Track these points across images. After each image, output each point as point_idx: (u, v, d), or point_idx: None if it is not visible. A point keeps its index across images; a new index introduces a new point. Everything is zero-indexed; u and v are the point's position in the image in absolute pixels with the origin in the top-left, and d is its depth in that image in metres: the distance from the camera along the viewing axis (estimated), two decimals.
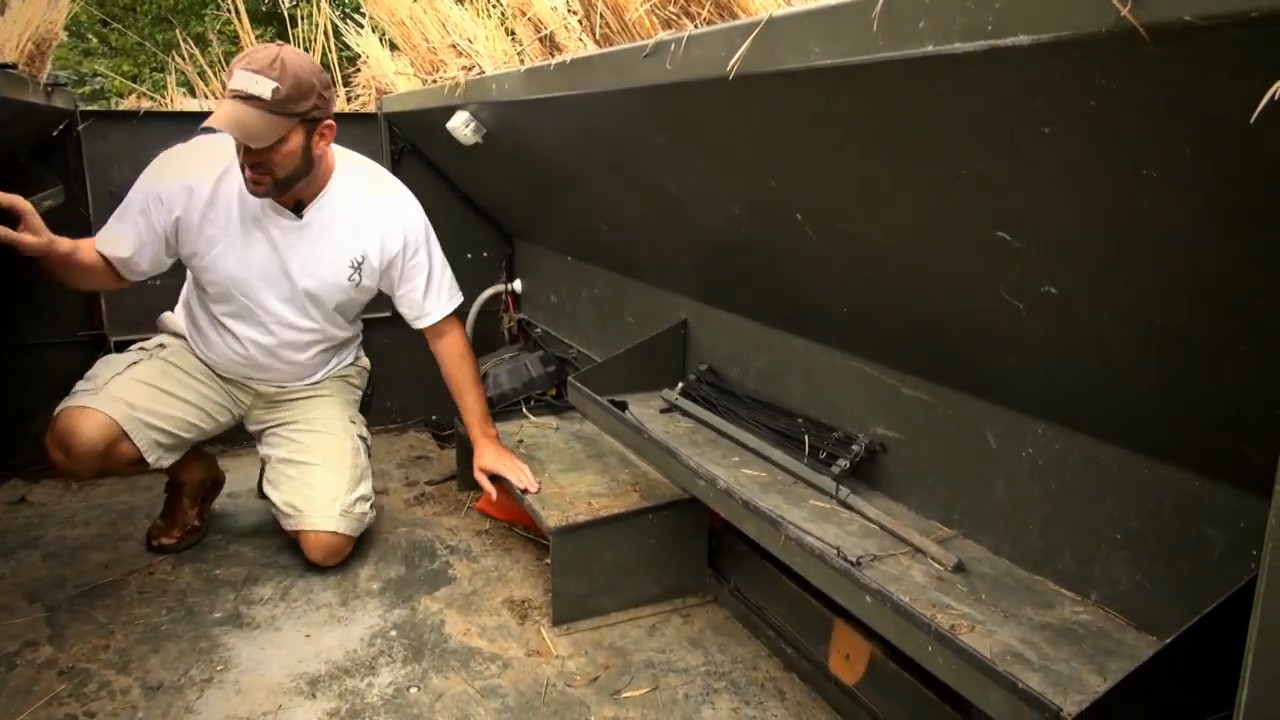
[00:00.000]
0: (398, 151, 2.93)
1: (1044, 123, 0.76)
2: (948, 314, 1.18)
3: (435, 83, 2.24)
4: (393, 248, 2.06)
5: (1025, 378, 1.15)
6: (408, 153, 2.94)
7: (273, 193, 1.85)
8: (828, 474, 1.47)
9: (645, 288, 2.21)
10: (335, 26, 3.27)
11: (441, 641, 1.82)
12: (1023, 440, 1.20)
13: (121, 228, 1.92)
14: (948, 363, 1.29)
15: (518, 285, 3.15)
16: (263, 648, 1.79)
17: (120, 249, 1.91)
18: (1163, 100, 0.66)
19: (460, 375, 2.17)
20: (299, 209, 1.96)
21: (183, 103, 3.43)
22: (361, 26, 3.07)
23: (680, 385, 1.92)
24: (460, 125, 2.06)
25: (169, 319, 2.24)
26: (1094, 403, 1.07)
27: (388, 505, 2.47)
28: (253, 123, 1.70)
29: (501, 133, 2.06)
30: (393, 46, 2.84)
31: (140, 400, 1.99)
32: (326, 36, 3.34)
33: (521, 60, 1.83)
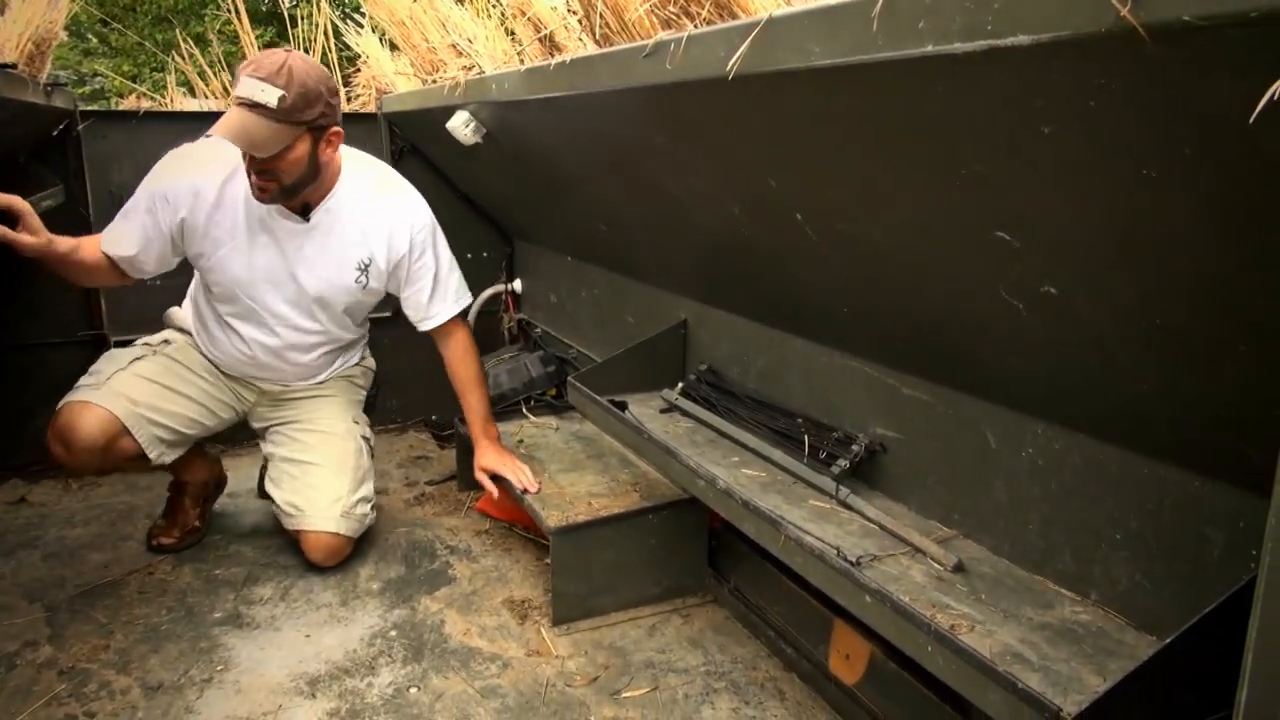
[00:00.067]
0: (398, 151, 2.93)
1: (1044, 123, 0.76)
2: (948, 314, 1.18)
3: (435, 83, 2.24)
4: (399, 250, 2.04)
5: (1025, 378, 1.15)
6: (408, 153, 2.94)
7: (279, 199, 1.85)
8: (827, 474, 1.47)
9: (645, 288, 2.21)
10: (335, 26, 3.27)
11: (441, 641, 1.82)
12: (1023, 440, 1.21)
13: (127, 227, 1.91)
14: (948, 363, 1.29)
15: (518, 285, 3.15)
16: (263, 648, 1.79)
17: (126, 248, 1.91)
18: (1162, 100, 0.66)
19: (464, 375, 2.17)
20: (305, 212, 1.94)
21: (183, 103, 3.43)
22: (361, 26, 3.07)
23: (680, 385, 1.92)
24: (460, 125, 2.06)
25: (176, 314, 2.24)
26: (1094, 403, 1.07)
27: (388, 505, 2.47)
28: (258, 131, 1.68)
29: (501, 133, 2.06)
30: (393, 46, 2.84)
31: (142, 396, 1.98)
32: (326, 36, 3.34)
33: (521, 60, 1.83)
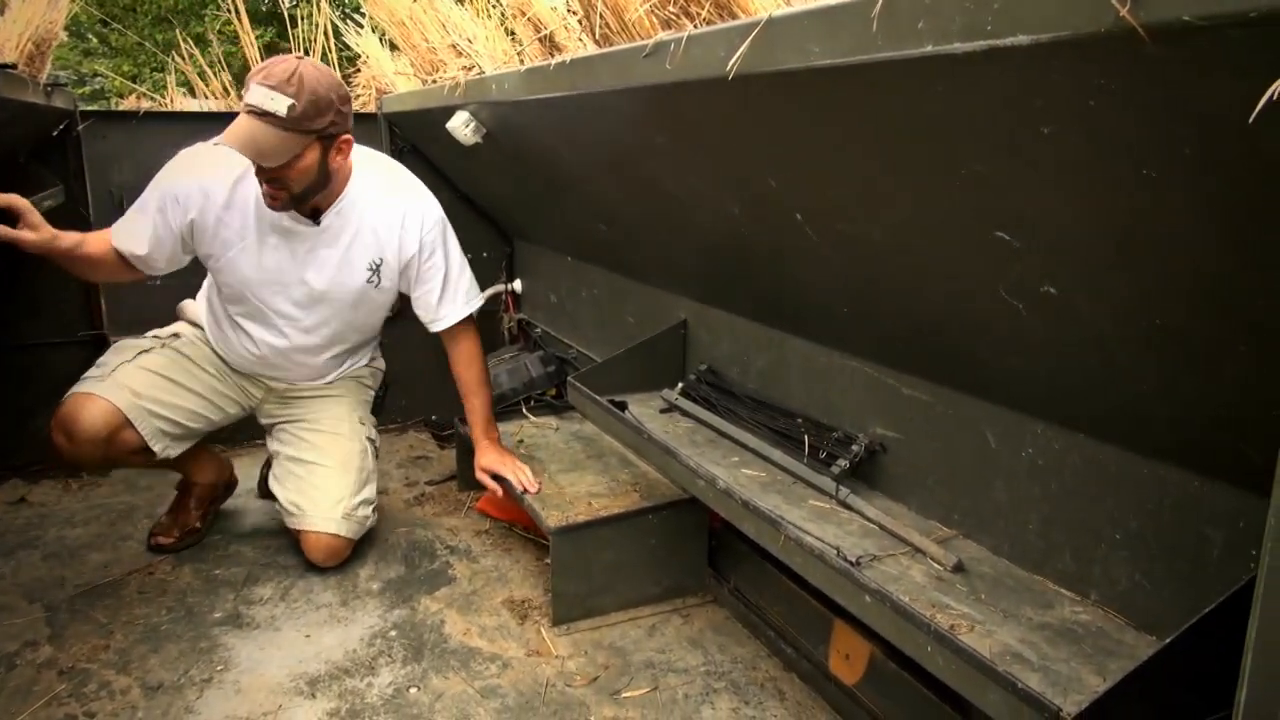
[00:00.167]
0: (397, 151, 2.93)
1: (1044, 123, 0.76)
2: (948, 314, 1.18)
3: (435, 83, 2.24)
4: (409, 250, 2.03)
5: (1025, 378, 1.15)
6: (407, 153, 2.94)
7: (290, 206, 1.84)
8: (827, 474, 1.47)
9: (645, 288, 2.21)
10: (335, 26, 3.27)
11: (441, 641, 1.82)
12: (1022, 440, 1.20)
13: (139, 225, 1.91)
14: (948, 363, 1.29)
15: (517, 285, 3.15)
16: (262, 648, 1.79)
17: (137, 247, 1.90)
18: (1162, 100, 0.66)
19: (469, 376, 2.17)
20: (316, 216, 1.93)
21: (183, 103, 3.43)
22: (361, 26, 3.07)
23: (680, 385, 1.92)
24: (460, 125, 2.06)
25: (189, 307, 2.24)
26: (1094, 403, 1.07)
27: (388, 505, 2.46)
28: (266, 141, 1.67)
29: (501, 133, 2.05)
30: (393, 46, 2.84)
31: (145, 389, 1.99)
32: (326, 36, 3.34)
33: (521, 60, 1.83)
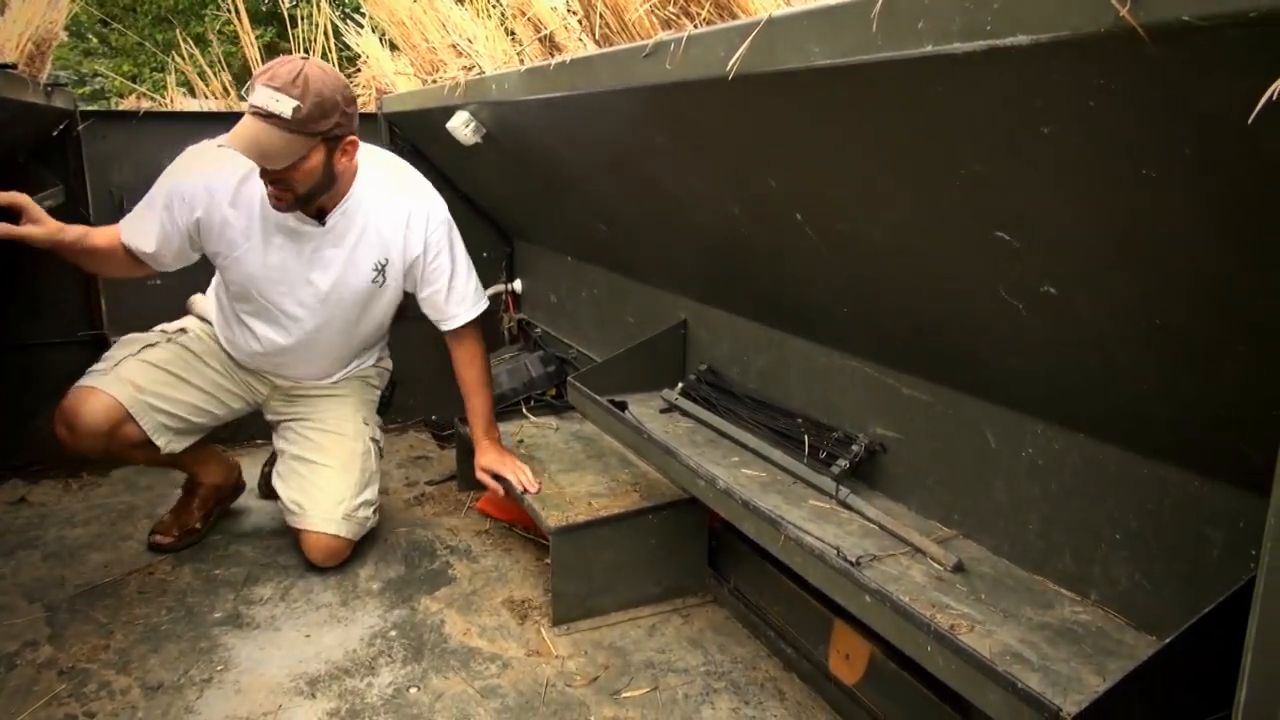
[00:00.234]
0: (398, 152, 2.92)
1: (1043, 123, 0.76)
2: (948, 314, 1.18)
3: (435, 83, 2.24)
4: (414, 250, 2.02)
5: (1025, 378, 1.15)
6: (408, 153, 2.93)
7: (295, 207, 1.83)
8: (827, 474, 1.47)
9: (645, 288, 2.21)
10: (335, 26, 3.27)
11: (441, 641, 1.82)
12: (1022, 440, 1.20)
13: (146, 222, 1.90)
14: (948, 363, 1.29)
15: (518, 285, 3.15)
16: (262, 648, 1.79)
17: (146, 244, 1.90)
18: (1162, 100, 0.66)
19: (471, 377, 2.17)
20: (321, 216, 1.92)
21: (183, 103, 3.43)
22: (361, 26, 3.07)
23: (680, 385, 1.92)
24: (460, 125, 2.06)
25: (198, 301, 2.23)
26: (1094, 403, 1.07)
27: (388, 505, 2.46)
28: (271, 143, 1.66)
29: (501, 133, 2.05)
30: (393, 46, 2.84)
31: (148, 383, 1.99)
32: (326, 36, 3.34)
33: (521, 60, 1.83)
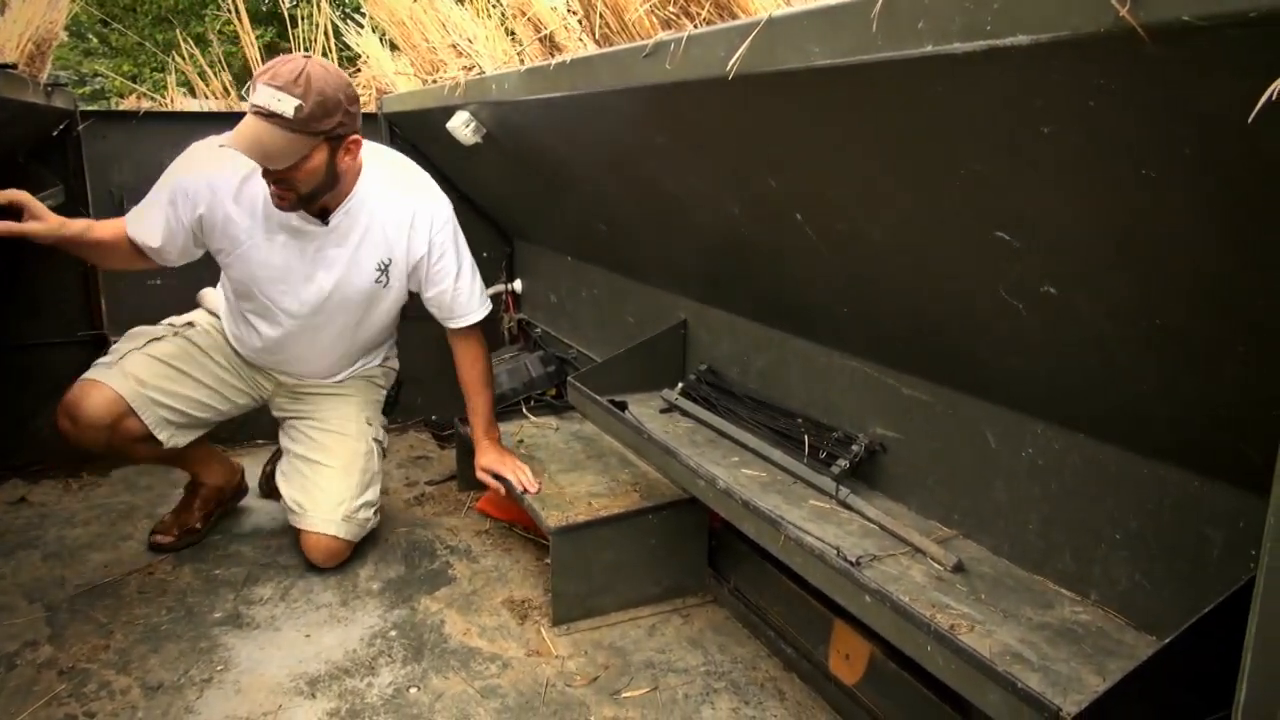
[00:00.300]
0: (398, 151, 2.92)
1: (1043, 123, 0.76)
2: (948, 314, 1.18)
3: (435, 83, 2.24)
4: (418, 251, 2.01)
5: (1025, 378, 1.15)
6: (408, 153, 2.90)
7: (298, 207, 1.82)
8: (827, 474, 1.47)
9: (645, 288, 2.21)
10: (335, 26, 3.27)
11: (441, 641, 1.82)
12: (1022, 440, 1.20)
13: (152, 216, 1.90)
14: (948, 363, 1.29)
15: (518, 285, 3.15)
16: (262, 648, 1.79)
17: (151, 239, 1.90)
18: (1162, 100, 0.66)
19: (473, 377, 2.17)
20: (325, 215, 1.91)
21: (183, 103, 3.43)
22: (362, 26, 3.07)
23: (680, 385, 1.92)
24: (460, 125, 2.06)
25: (208, 295, 2.23)
26: (1094, 403, 1.07)
27: (388, 505, 2.46)
28: (272, 143, 1.64)
29: (501, 133, 2.05)
30: (393, 46, 2.84)
31: (151, 378, 1.99)
32: (327, 36, 3.34)
33: (521, 60, 1.83)
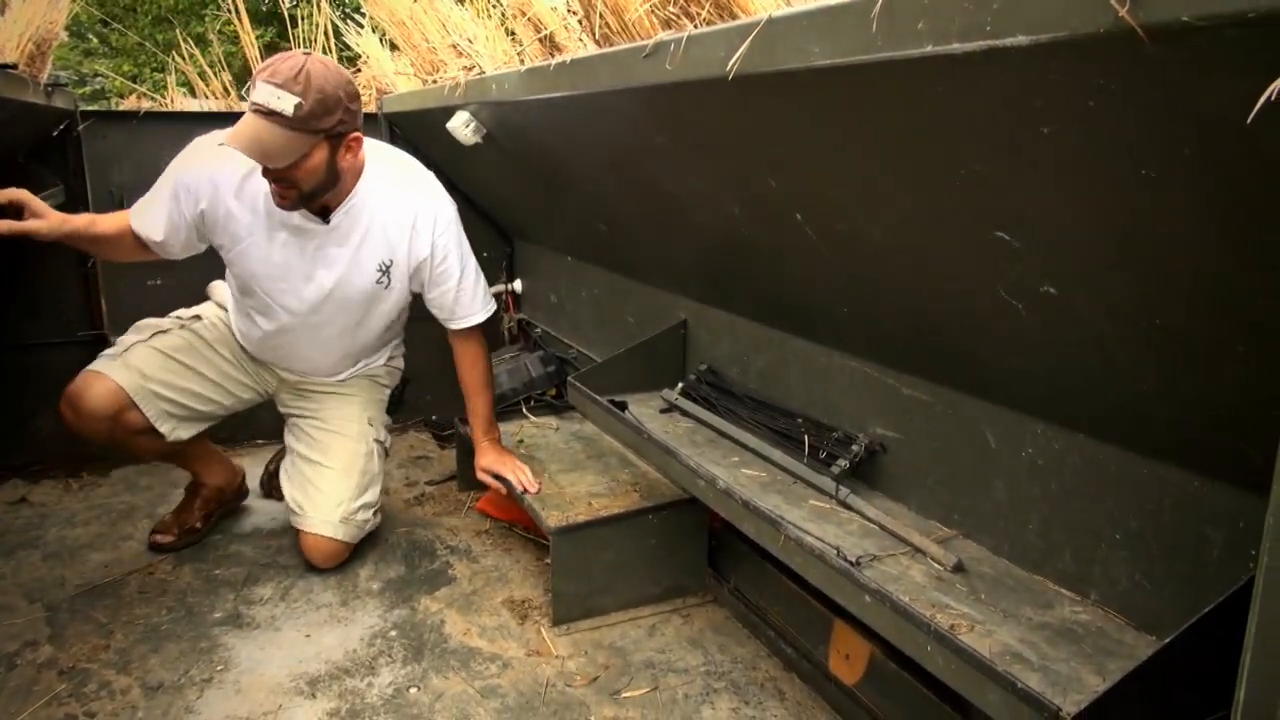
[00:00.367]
0: None
1: (1043, 123, 0.76)
2: (948, 314, 1.18)
3: (435, 83, 2.24)
4: (420, 253, 1.99)
5: (1025, 378, 1.15)
6: (408, 152, 2.93)
7: (299, 205, 1.81)
8: (827, 474, 1.47)
9: (645, 288, 2.21)
10: (335, 27, 3.27)
11: (441, 641, 1.82)
12: (1022, 440, 1.21)
13: (155, 210, 1.90)
14: (948, 363, 1.29)
15: (518, 285, 3.15)
16: (263, 648, 1.79)
17: (154, 232, 1.90)
18: (1161, 100, 0.66)
19: (472, 377, 2.16)
20: (326, 214, 1.89)
21: (183, 103, 3.43)
22: (362, 27, 3.07)
23: (680, 385, 1.92)
24: (460, 125, 2.06)
25: (218, 288, 2.23)
26: (1094, 403, 1.07)
27: (388, 505, 2.46)
28: (272, 141, 1.63)
29: (501, 133, 2.06)
30: (393, 46, 2.84)
31: (154, 370, 2.00)
32: (327, 36, 3.34)
33: (521, 60, 1.83)
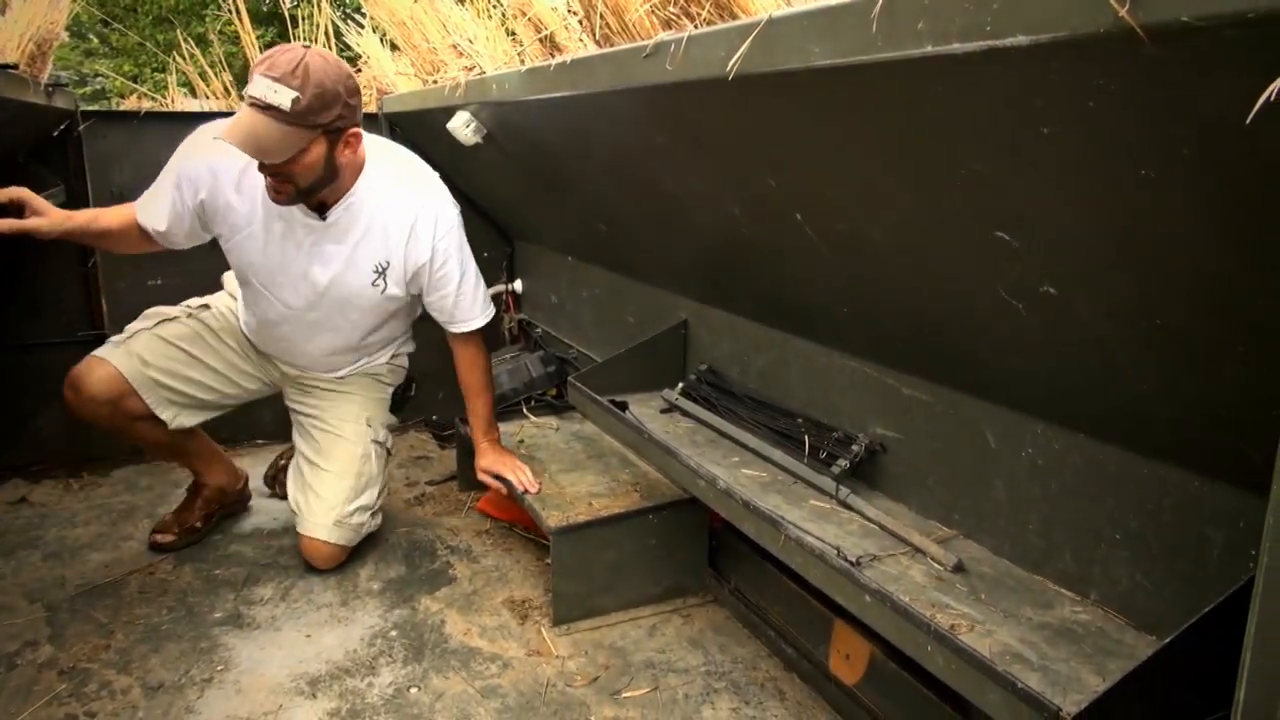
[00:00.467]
0: None
1: (1043, 123, 0.76)
2: (948, 314, 1.18)
3: (436, 83, 2.24)
4: (419, 256, 1.94)
5: (1025, 378, 1.15)
6: None
7: (296, 200, 1.78)
8: (828, 474, 1.47)
9: (645, 288, 2.21)
10: (336, 27, 3.27)
11: (442, 641, 1.82)
12: (1022, 440, 1.21)
13: (159, 200, 1.90)
14: (948, 363, 1.29)
15: (518, 285, 3.15)
16: (263, 648, 1.79)
17: (157, 222, 1.90)
18: (1161, 100, 0.66)
19: (472, 379, 2.15)
20: (323, 209, 1.87)
21: (183, 103, 3.44)
22: (362, 27, 3.07)
23: (680, 385, 1.92)
24: (461, 125, 2.06)
25: (231, 278, 2.22)
26: (1094, 403, 1.07)
27: (388, 505, 2.46)
28: (268, 136, 1.59)
29: (502, 133, 2.06)
30: (393, 47, 2.84)
31: (156, 358, 2.01)
32: (327, 37, 3.34)
33: (522, 60, 1.83)
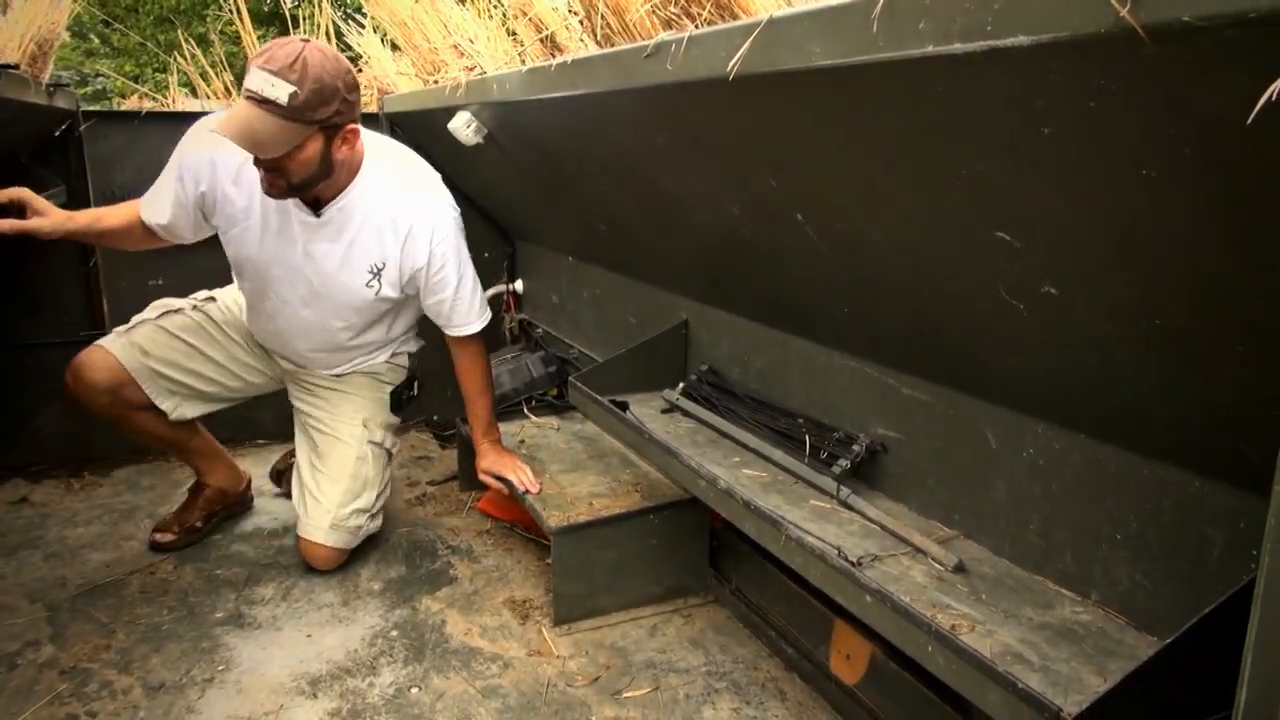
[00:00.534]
0: None
1: (1044, 123, 0.76)
2: (948, 314, 1.18)
3: (436, 83, 2.25)
4: (416, 260, 1.93)
5: (1025, 378, 1.15)
6: None
7: (288, 195, 1.76)
8: (828, 474, 1.47)
9: (646, 288, 2.21)
10: (337, 27, 3.27)
11: (443, 641, 1.82)
12: (1023, 440, 1.21)
13: (162, 195, 1.90)
14: (948, 363, 1.29)
15: (519, 285, 3.15)
16: (264, 647, 1.79)
17: (160, 216, 1.90)
18: (1162, 100, 0.66)
19: (472, 381, 2.15)
20: (317, 206, 1.86)
21: (185, 103, 3.44)
22: (363, 27, 3.08)
23: (681, 385, 1.92)
24: (461, 126, 2.06)
25: None
26: (1094, 403, 1.07)
27: (389, 505, 2.45)
28: (264, 130, 1.57)
29: (503, 133, 2.06)
30: (394, 47, 2.84)
31: (156, 349, 2.02)
32: (328, 37, 3.34)
33: (522, 61, 1.83)
